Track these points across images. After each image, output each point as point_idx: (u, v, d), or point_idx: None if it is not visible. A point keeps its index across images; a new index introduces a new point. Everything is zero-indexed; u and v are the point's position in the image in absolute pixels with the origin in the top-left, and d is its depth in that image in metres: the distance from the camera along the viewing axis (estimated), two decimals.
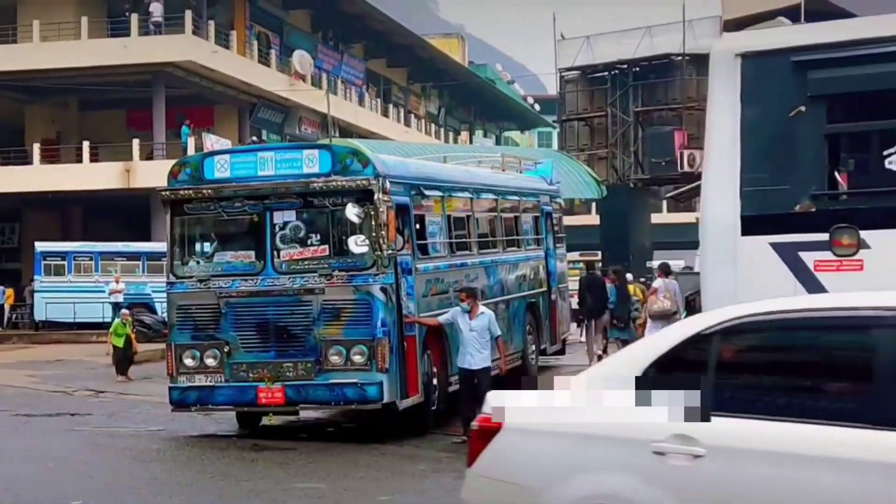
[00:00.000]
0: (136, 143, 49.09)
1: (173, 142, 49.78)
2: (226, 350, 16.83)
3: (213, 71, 49.89)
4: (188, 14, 48.76)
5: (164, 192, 17.59)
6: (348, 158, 16.82)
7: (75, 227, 53.03)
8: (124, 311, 30.39)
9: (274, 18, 59.19)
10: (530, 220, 24.41)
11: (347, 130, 58.42)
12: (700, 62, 41.65)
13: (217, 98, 53.70)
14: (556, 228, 26.24)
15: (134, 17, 49.25)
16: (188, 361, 16.99)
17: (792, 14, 19.43)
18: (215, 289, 16.97)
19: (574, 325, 30.12)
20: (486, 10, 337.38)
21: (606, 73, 44.14)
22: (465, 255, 20.27)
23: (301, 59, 57.39)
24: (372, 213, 16.30)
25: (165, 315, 31.43)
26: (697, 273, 31.31)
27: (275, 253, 16.99)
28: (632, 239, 45.51)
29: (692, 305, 23.54)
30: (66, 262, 44.50)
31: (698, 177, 32.30)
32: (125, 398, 23.77)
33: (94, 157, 50.01)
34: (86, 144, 49.82)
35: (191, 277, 17.31)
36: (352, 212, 16.34)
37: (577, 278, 31.28)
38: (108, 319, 42.68)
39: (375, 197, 16.30)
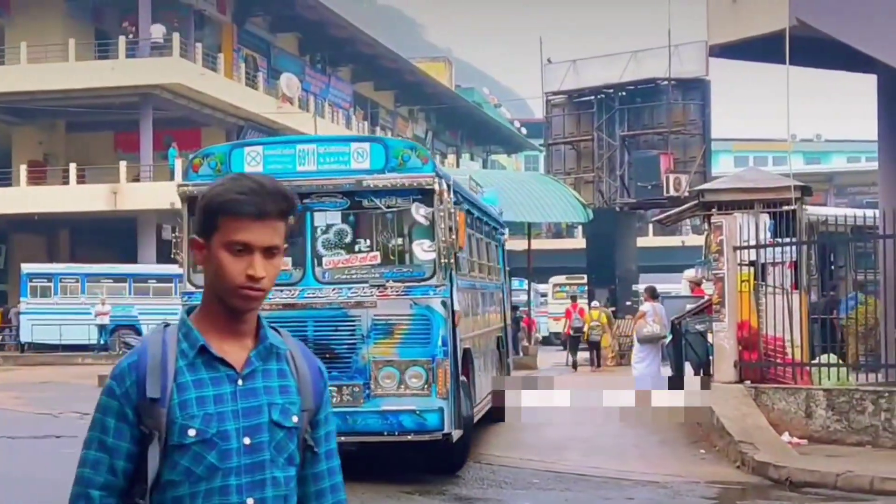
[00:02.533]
0: (123, 165, 49.16)
1: (160, 164, 49.89)
2: None
3: (201, 93, 50.01)
4: (176, 37, 48.94)
5: (182, 188, 15.38)
6: (405, 153, 14.98)
7: (62, 249, 53.08)
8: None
9: (261, 41, 59.38)
10: (494, 248, 22.88)
11: None
12: (686, 87, 41.96)
13: (204, 120, 53.78)
14: (506, 260, 25.15)
15: (121, 40, 49.38)
16: None
17: (777, 39, 19.58)
18: None
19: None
20: (473, 35, 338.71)
21: (593, 98, 44.27)
22: (475, 276, 19.04)
23: (288, 81, 57.52)
24: (442, 214, 14.68)
25: None
26: (683, 297, 31.53)
27: (316, 260, 14.99)
28: (618, 262, 45.61)
29: (678, 329, 23.69)
30: (52, 284, 44.50)
31: (684, 201, 32.48)
32: None
33: (81, 179, 50.07)
34: (73, 166, 49.86)
35: None
36: (419, 213, 14.64)
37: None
38: (94, 341, 42.82)
39: (444, 197, 14.80)
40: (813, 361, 18.45)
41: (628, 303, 44.37)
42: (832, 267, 22.69)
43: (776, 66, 20.65)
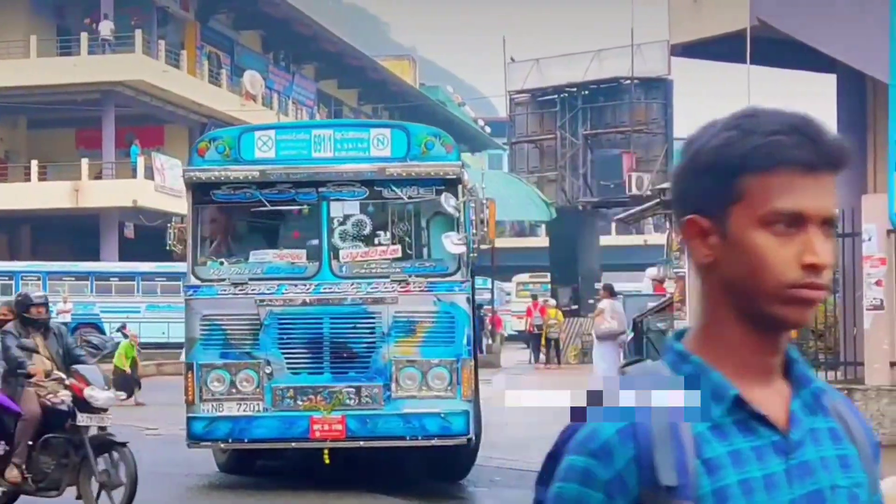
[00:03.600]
0: (85, 162, 48.93)
1: (122, 161, 49.69)
2: (267, 371, 13.75)
3: (164, 90, 49.85)
4: (138, 33, 48.74)
5: (188, 174, 14.37)
6: (429, 140, 14.13)
7: (23, 247, 52.75)
8: (133, 333, 29.69)
9: (225, 39, 59.24)
10: None
11: None
12: (648, 86, 42.12)
13: (167, 118, 53.62)
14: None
15: (84, 36, 49.19)
16: (215, 385, 13.83)
17: (738, 39, 19.70)
18: (255, 295, 13.85)
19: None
20: (437, 33, 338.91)
21: (556, 96, 44.38)
22: None
23: (252, 79, 57.40)
24: (473, 205, 14.01)
25: (115, 335, 31.39)
26: (646, 295, 31.66)
27: (333, 253, 14.02)
28: (581, 261, 45.74)
29: (639, 327, 23.82)
30: (13, 282, 44.24)
31: (646, 199, 32.60)
32: None
33: (43, 177, 49.82)
34: (34, 163, 49.59)
35: (222, 281, 14.06)
36: (449, 203, 13.71)
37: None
38: None
39: (469, 187, 14.27)
40: None
41: (591, 301, 44.52)
42: None
43: (737, 66, 20.80)
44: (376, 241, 14.20)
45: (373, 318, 13.76)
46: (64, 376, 12.48)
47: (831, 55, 19.41)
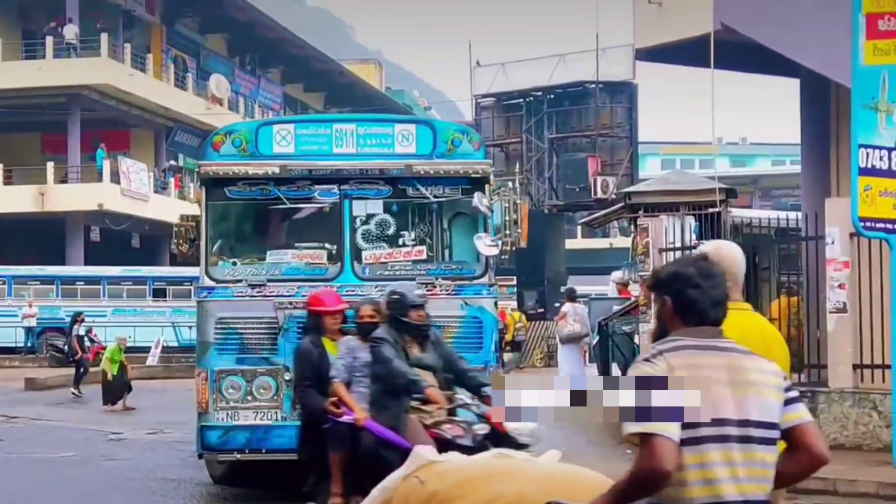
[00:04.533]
0: (50, 166, 48.77)
1: (88, 165, 49.53)
2: (286, 378, 12.97)
3: (130, 94, 49.74)
4: (104, 37, 48.61)
5: (203, 168, 13.69)
6: (455, 137, 13.59)
7: None
8: (121, 336, 29.39)
9: (191, 42, 59.14)
10: None
11: None
12: (613, 90, 42.28)
13: (133, 121, 53.50)
14: None
15: (49, 40, 49.02)
16: (231, 393, 13.08)
17: (702, 43, 19.82)
18: (273, 297, 13.15)
19: None
20: (402, 37, 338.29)
21: (521, 100, 44.48)
22: None
23: (218, 83, 57.31)
24: (507, 206, 13.55)
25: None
26: (611, 299, 31.77)
27: (355, 254, 13.42)
28: (546, 264, 45.82)
29: (605, 330, 23.92)
30: None
31: (611, 203, 32.73)
32: (38, 423, 23.63)
33: (8, 180, 49.62)
34: None
35: (238, 282, 13.30)
36: (483, 203, 13.17)
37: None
38: (21, 344, 42.46)
39: (501, 188, 13.85)
40: None
41: (557, 304, 44.65)
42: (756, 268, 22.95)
43: (702, 70, 20.88)
44: (400, 242, 13.63)
45: None
46: (469, 400, 10.61)
47: (795, 60, 19.55)
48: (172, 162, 56.28)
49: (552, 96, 43.84)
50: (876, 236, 15.10)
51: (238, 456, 13.22)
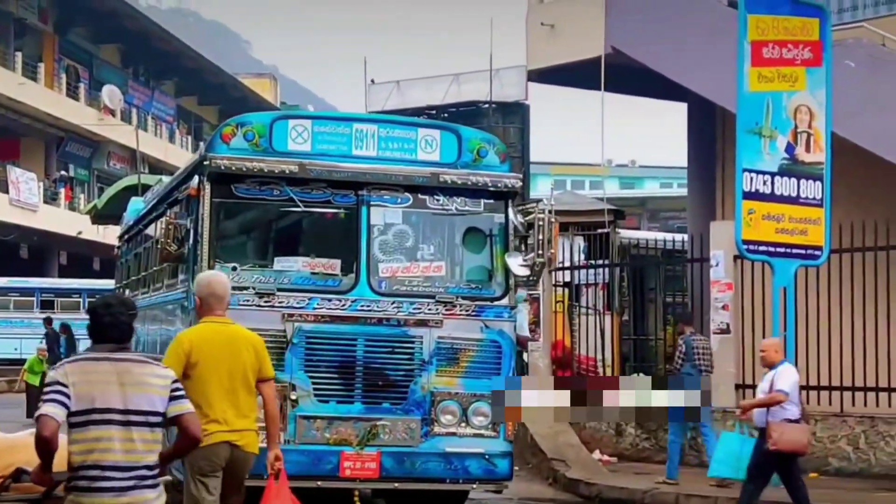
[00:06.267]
0: None
1: None
2: (292, 397, 11.87)
3: (20, 103, 49.14)
4: None
5: (213, 161, 12.11)
6: (482, 147, 12.70)
7: None
8: (40, 346, 28.97)
9: (84, 52, 58.58)
10: None
11: (158, 167, 57.97)
12: (506, 110, 42.54)
13: (23, 131, 52.88)
14: None
15: None
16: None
17: (593, 66, 20.14)
18: (282, 308, 11.97)
19: None
20: (299, 53, 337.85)
21: (415, 118, 44.67)
22: None
23: (111, 93, 56.81)
24: (541, 224, 12.50)
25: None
26: None
27: (371, 265, 12.28)
28: None
29: None
30: None
31: None
32: None
33: None
34: None
35: (244, 289, 11.89)
36: (517, 220, 12.65)
37: None
38: None
39: (535, 205, 12.96)
40: None
41: None
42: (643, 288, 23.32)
43: (593, 92, 21.25)
44: (419, 256, 12.57)
45: (413, 342, 12.16)
46: None
47: (683, 84, 19.92)
48: (63, 172, 55.72)
49: (446, 115, 43.93)
50: (758, 259, 15.44)
51: None
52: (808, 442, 13.72)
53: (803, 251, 15.25)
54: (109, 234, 35.11)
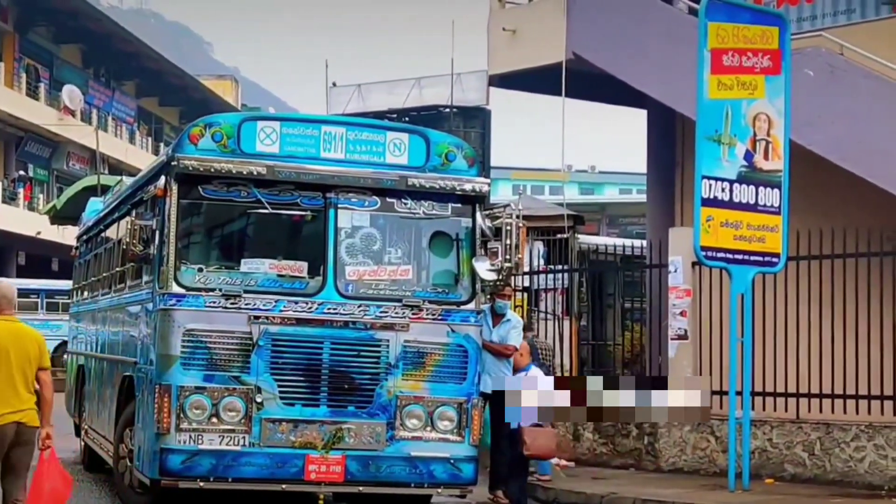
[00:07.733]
0: None
1: None
2: (257, 400, 11.84)
3: None
4: None
5: (180, 161, 12.08)
6: (450, 151, 12.73)
7: None
8: None
9: (44, 52, 58.33)
10: None
11: (117, 168, 57.79)
12: (467, 115, 42.59)
13: None
14: None
15: None
16: (194, 412, 11.78)
17: (554, 72, 20.18)
18: (248, 310, 11.92)
19: None
20: (261, 55, 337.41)
21: (384, 122, 44.63)
22: None
23: (71, 93, 56.62)
24: (508, 229, 12.68)
25: None
26: None
27: (338, 268, 12.27)
28: None
29: None
30: None
31: None
32: None
33: None
34: None
35: (209, 291, 11.93)
36: (485, 224, 12.72)
37: None
38: None
39: (502, 209, 13.15)
40: None
41: None
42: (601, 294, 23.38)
43: (553, 98, 21.28)
44: (386, 260, 12.54)
45: (379, 345, 12.17)
46: None
47: (642, 90, 19.99)
48: (22, 172, 55.44)
49: (407, 119, 43.90)
50: (717, 265, 15.49)
51: (202, 484, 11.79)
52: (557, 445, 15.21)
53: (761, 258, 15.31)
54: (69, 235, 34.94)
